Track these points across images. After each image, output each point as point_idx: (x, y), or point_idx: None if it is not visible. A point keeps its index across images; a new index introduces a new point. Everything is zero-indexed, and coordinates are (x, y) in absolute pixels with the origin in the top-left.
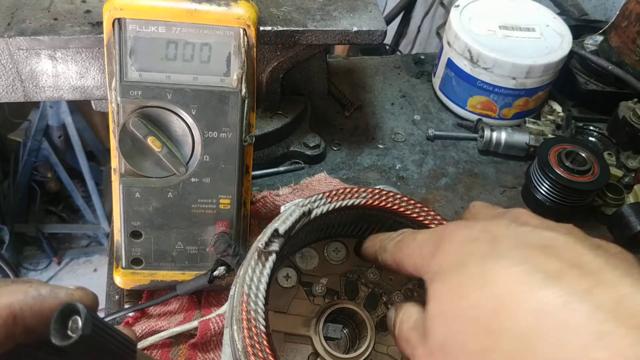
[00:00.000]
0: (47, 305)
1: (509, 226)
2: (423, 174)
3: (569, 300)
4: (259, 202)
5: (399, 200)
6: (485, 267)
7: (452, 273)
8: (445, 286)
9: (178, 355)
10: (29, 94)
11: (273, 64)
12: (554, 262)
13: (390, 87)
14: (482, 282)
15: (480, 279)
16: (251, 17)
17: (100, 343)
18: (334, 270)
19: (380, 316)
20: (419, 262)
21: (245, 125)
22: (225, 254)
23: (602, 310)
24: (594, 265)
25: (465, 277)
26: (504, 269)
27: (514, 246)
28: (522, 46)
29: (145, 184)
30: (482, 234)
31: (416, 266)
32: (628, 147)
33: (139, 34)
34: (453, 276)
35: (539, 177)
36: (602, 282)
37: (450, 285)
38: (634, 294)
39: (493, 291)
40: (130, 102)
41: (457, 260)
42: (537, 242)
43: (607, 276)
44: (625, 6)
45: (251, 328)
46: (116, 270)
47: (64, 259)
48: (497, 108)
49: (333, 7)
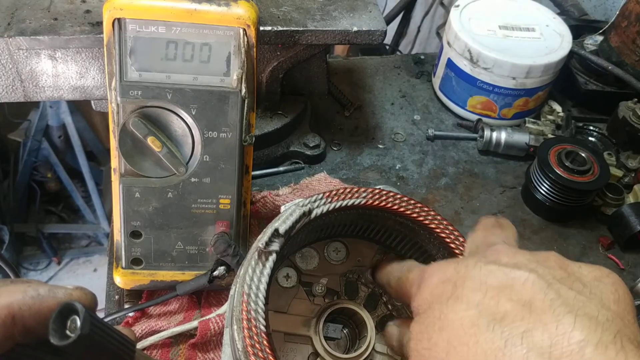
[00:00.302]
0: (46, 305)
1: (475, 266)
2: (423, 174)
3: (507, 343)
4: (259, 202)
5: (399, 200)
6: (444, 310)
7: (423, 315)
8: (417, 326)
9: (178, 355)
10: (29, 94)
11: (273, 64)
12: (505, 304)
13: (390, 87)
14: (440, 326)
15: (439, 323)
16: (251, 17)
17: (99, 343)
18: (334, 270)
19: (380, 316)
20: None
21: (245, 125)
22: (225, 254)
23: (535, 352)
24: (542, 304)
25: (429, 320)
26: (458, 313)
27: (473, 289)
28: (522, 46)
29: (145, 184)
30: (451, 276)
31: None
32: (628, 147)
33: (139, 34)
34: (423, 318)
35: (538, 177)
36: (542, 322)
37: (420, 326)
38: (572, 332)
39: (447, 335)
40: (130, 102)
41: (427, 303)
42: (498, 282)
43: (549, 315)
44: (625, 6)
45: (251, 328)
46: (116, 270)
47: (64, 259)
48: (497, 108)
49: (333, 7)
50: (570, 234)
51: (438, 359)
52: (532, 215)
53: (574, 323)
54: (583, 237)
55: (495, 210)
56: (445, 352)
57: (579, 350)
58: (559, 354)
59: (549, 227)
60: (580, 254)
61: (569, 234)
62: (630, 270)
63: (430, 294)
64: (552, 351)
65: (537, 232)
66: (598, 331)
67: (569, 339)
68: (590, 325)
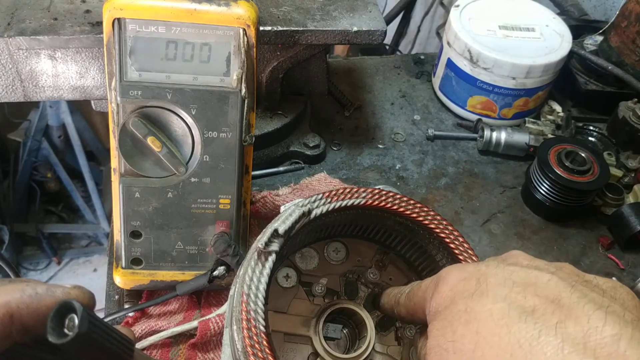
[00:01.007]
0: (44, 303)
1: (497, 266)
2: (423, 174)
3: (541, 333)
4: (258, 202)
5: (399, 200)
6: (470, 304)
7: (445, 311)
8: (439, 323)
9: (178, 355)
10: (29, 94)
11: (273, 64)
12: (532, 298)
13: (390, 87)
14: (467, 319)
15: (465, 316)
16: (251, 17)
17: (97, 341)
18: (334, 270)
19: (380, 316)
20: (424, 305)
21: (245, 125)
22: (225, 254)
23: (570, 343)
24: (569, 301)
25: (453, 314)
26: (486, 306)
27: (498, 284)
28: (521, 46)
29: (145, 184)
30: (472, 274)
31: (424, 311)
32: (628, 147)
33: (139, 33)
34: (445, 314)
35: (538, 177)
36: (574, 316)
37: (443, 322)
38: (604, 326)
39: (475, 327)
40: (130, 102)
41: (449, 299)
42: (521, 280)
43: (579, 310)
44: (625, 6)
45: (251, 328)
46: (116, 270)
47: (64, 258)
48: (497, 108)
49: (333, 7)
50: (570, 234)
51: (464, 351)
52: (532, 215)
53: (605, 318)
54: (583, 237)
55: (495, 210)
56: (474, 343)
57: (613, 342)
58: (593, 345)
59: (549, 227)
60: (580, 254)
61: (568, 234)
62: (630, 270)
63: (450, 290)
64: (587, 342)
65: (537, 232)
66: (629, 328)
67: (602, 332)
68: (621, 322)
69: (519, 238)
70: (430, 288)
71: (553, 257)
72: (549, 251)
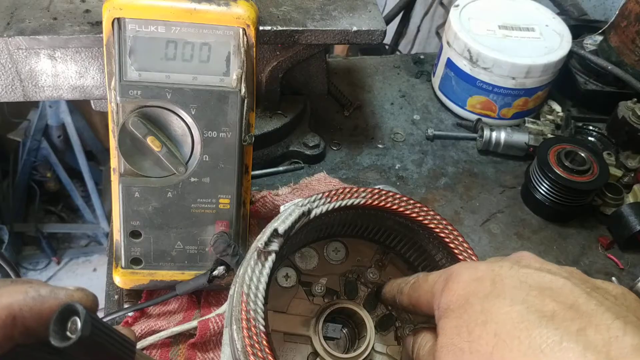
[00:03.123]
0: (47, 306)
1: (511, 267)
2: (422, 174)
3: (563, 340)
4: (258, 201)
5: (399, 200)
6: (486, 305)
7: (459, 310)
8: (452, 321)
9: (177, 355)
10: (29, 94)
11: (272, 64)
12: (550, 303)
13: (390, 87)
14: (484, 319)
15: (482, 316)
16: (251, 17)
17: (100, 344)
18: (334, 270)
19: (380, 316)
20: (431, 299)
21: (245, 125)
22: (225, 254)
23: (592, 351)
24: (587, 308)
25: (469, 314)
26: (504, 308)
27: (514, 287)
28: (521, 46)
29: (144, 184)
30: (486, 274)
31: (429, 304)
32: (627, 146)
33: (139, 33)
34: (459, 313)
35: (538, 177)
36: (594, 324)
37: (457, 321)
38: (624, 336)
39: (493, 328)
40: (129, 102)
41: (462, 298)
42: (537, 283)
43: (599, 318)
44: (625, 6)
45: (250, 328)
46: (115, 270)
47: (64, 258)
48: (496, 108)
49: (332, 7)
50: (569, 234)
51: (482, 352)
52: (531, 215)
53: (624, 328)
54: (582, 237)
55: (495, 210)
56: (492, 345)
57: (634, 352)
58: (615, 354)
59: (549, 226)
60: (580, 254)
61: (568, 234)
62: (630, 270)
63: (463, 289)
64: (609, 351)
65: (537, 232)
66: None
67: (622, 342)
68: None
69: (519, 238)
70: (439, 283)
71: (553, 257)
72: (548, 251)
